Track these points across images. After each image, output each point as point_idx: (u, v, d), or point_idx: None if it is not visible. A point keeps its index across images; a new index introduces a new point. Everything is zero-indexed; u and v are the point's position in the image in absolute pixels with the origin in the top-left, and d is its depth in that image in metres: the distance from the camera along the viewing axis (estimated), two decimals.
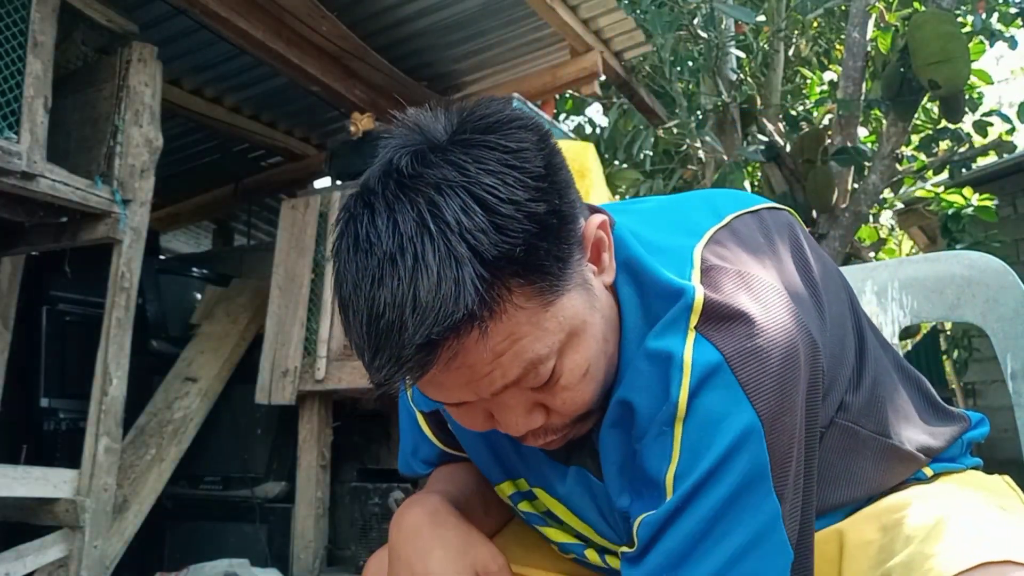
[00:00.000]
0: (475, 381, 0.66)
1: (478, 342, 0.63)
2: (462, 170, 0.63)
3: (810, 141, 4.52)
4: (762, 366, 0.68)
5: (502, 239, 0.61)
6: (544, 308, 0.65)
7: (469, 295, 0.60)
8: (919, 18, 3.90)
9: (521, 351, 0.65)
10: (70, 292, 3.36)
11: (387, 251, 0.62)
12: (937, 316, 1.13)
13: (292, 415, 3.14)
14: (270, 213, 5.36)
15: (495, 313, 0.62)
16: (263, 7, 3.02)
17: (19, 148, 2.21)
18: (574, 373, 0.69)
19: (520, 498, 0.89)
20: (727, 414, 0.67)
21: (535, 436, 0.74)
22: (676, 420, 0.69)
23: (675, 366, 0.69)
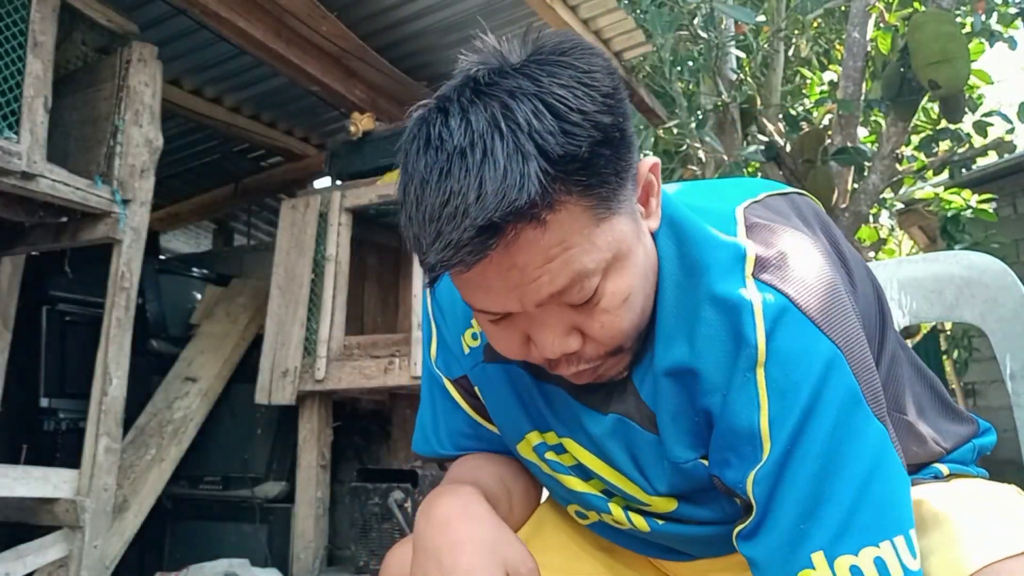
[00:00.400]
0: (523, 286, 0.68)
1: (533, 239, 0.65)
2: (535, 81, 0.66)
3: (810, 141, 4.52)
4: (825, 301, 0.72)
5: (568, 141, 0.64)
6: (596, 223, 0.68)
7: (533, 186, 0.63)
8: (919, 18, 3.90)
9: (571, 260, 0.67)
10: (70, 292, 3.36)
11: (457, 146, 0.65)
12: (936, 316, 1.14)
13: (292, 415, 3.14)
14: (270, 213, 5.36)
15: (554, 211, 0.65)
16: (263, 7, 3.02)
17: (19, 148, 2.21)
18: (616, 297, 0.71)
19: (546, 448, 0.90)
20: (806, 350, 0.69)
21: (567, 362, 0.75)
22: (757, 365, 0.70)
23: (745, 311, 0.71)
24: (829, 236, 0.85)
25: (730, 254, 0.74)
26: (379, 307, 3.67)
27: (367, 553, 2.64)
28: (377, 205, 3.09)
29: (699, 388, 0.75)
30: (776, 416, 0.69)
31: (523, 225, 0.65)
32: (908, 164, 4.75)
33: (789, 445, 0.68)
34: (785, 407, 0.69)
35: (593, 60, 0.69)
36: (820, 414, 0.68)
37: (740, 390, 0.71)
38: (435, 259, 0.66)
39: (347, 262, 3.12)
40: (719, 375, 0.73)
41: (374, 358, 2.92)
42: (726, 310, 0.73)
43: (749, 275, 0.73)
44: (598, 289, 0.70)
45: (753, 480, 0.70)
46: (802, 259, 0.74)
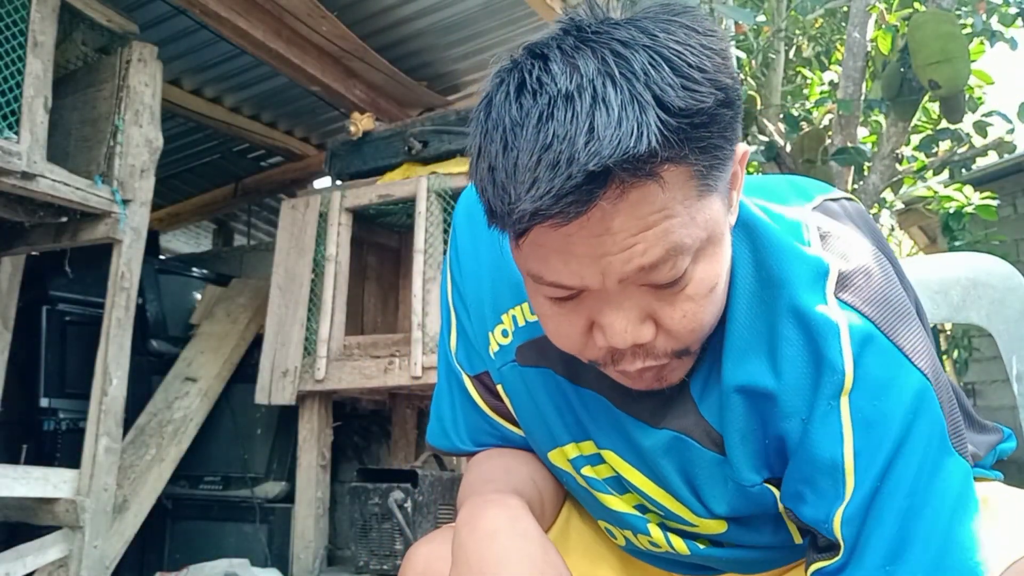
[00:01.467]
0: (612, 255, 0.60)
1: (637, 200, 0.58)
2: (650, 34, 0.60)
3: (810, 141, 4.53)
4: (909, 329, 0.67)
5: (689, 95, 0.58)
6: (698, 196, 0.62)
7: (653, 135, 0.56)
8: (919, 18, 3.90)
9: (670, 230, 0.60)
10: (70, 292, 3.36)
11: (562, 90, 0.58)
12: (942, 317, 1.13)
13: (292, 415, 3.14)
14: (270, 213, 5.36)
15: (667, 168, 0.58)
16: (263, 7, 3.02)
17: (19, 148, 2.21)
18: (703, 284, 0.65)
19: (584, 462, 0.84)
20: (894, 379, 0.65)
21: (633, 356, 0.68)
22: (842, 392, 0.65)
23: (831, 334, 0.66)
24: (880, 243, 0.81)
25: (812, 268, 0.69)
26: (379, 307, 3.66)
27: (367, 553, 2.64)
28: (377, 205, 3.08)
29: (776, 412, 0.69)
30: (862, 450, 0.65)
31: (632, 181, 0.57)
32: (908, 164, 4.75)
33: (878, 482, 0.64)
34: (873, 441, 0.64)
35: (709, 24, 0.63)
36: (910, 450, 0.64)
37: (822, 420, 0.66)
38: (531, 207, 0.57)
39: (347, 262, 3.12)
40: (799, 400, 0.68)
41: (374, 358, 2.92)
42: (809, 329, 0.67)
43: (831, 293, 0.68)
44: (687, 272, 0.63)
45: (841, 520, 0.66)
46: (880, 278, 0.70)
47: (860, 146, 4.49)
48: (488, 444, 0.94)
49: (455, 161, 2.97)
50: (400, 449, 3.42)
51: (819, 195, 0.81)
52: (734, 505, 0.76)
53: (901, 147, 4.40)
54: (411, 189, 2.97)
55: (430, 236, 2.90)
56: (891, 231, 7.31)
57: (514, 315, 0.85)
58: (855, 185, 4.62)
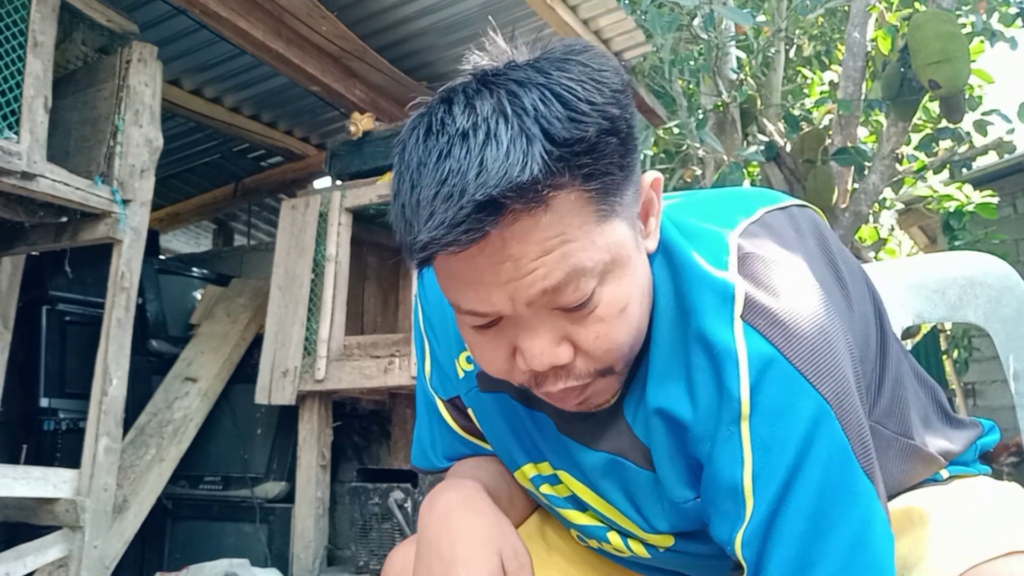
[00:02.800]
0: (516, 280, 0.64)
1: (532, 226, 0.63)
2: (544, 73, 0.65)
3: (810, 141, 4.52)
4: (815, 351, 0.67)
5: (574, 126, 0.62)
6: (597, 220, 0.65)
7: (536, 165, 0.61)
8: (919, 18, 3.90)
9: (568, 254, 0.64)
10: (70, 292, 3.36)
11: (460, 129, 0.63)
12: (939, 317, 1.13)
13: (292, 415, 3.14)
14: (270, 213, 5.36)
15: (555, 196, 0.63)
16: (263, 7, 3.02)
17: (19, 148, 2.21)
18: (612, 305, 0.68)
19: (542, 481, 0.88)
20: (793, 403, 0.66)
21: (555, 377, 0.71)
22: (741, 419, 0.67)
23: (729, 360, 0.67)
24: (827, 253, 0.82)
25: (719, 293, 0.70)
26: (379, 307, 3.67)
27: (367, 553, 2.64)
28: (377, 205, 3.09)
29: (691, 436, 0.71)
30: (760, 473, 0.66)
31: (522, 208, 0.62)
32: (908, 164, 4.75)
33: (775, 505, 0.65)
34: (770, 464, 0.65)
35: (603, 60, 0.67)
36: (808, 472, 0.65)
37: (723, 444, 0.68)
38: (427, 237, 0.62)
39: (347, 262, 3.12)
40: (710, 425, 0.69)
41: (374, 358, 2.92)
42: (712, 356, 0.69)
43: (738, 317, 0.69)
44: (594, 294, 0.67)
45: (742, 542, 0.67)
46: (795, 299, 0.70)
47: (860, 146, 4.49)
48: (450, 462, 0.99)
49: None
50: (400, 449, 3.42)
51: (762, 208, 0.82)
52: (673, 522, 0.78)
53: (901, 147, 4.40)
54: None
55: None
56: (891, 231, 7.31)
57: None
58: (855, 185, 4.62)
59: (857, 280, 0.85)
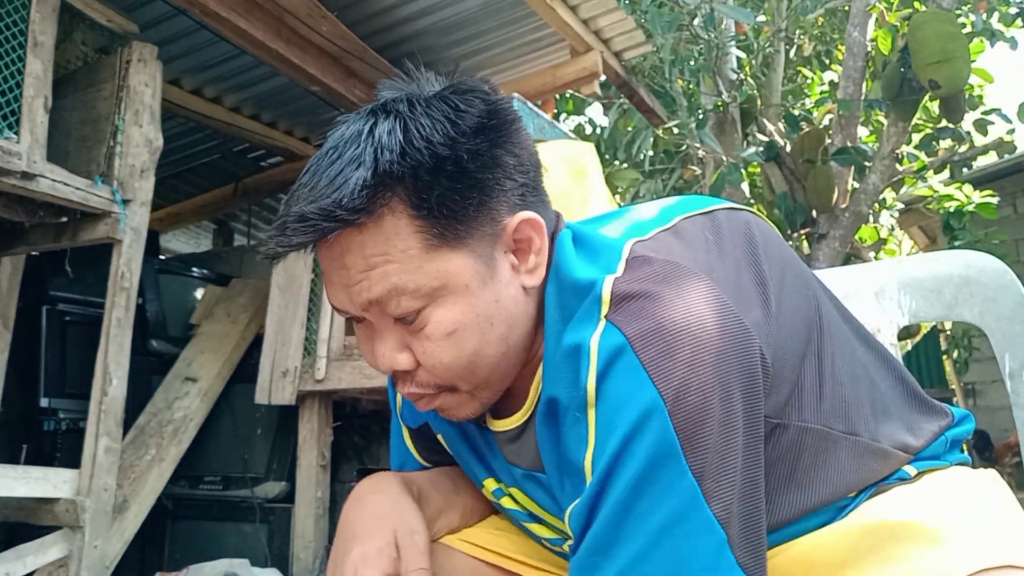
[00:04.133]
0: (350, 286, 0.73)
1: (357, 243, 0.71)
2: (412, 109, 0.74)
3: (810, 141, 4.52)
4: (666, 345, 0.68)
5: (398, 159, 0.70)
6: (425, 249, 0.72)
7: (356, 187, 0.69)
8: (919, 18, 3.90)
9: (388, 274, 0.72)
10: (70, 292, 3.36)
11: (328, 148, 0.74)
12: (935, 316, 1.13)
13: (292, 415, 3.14)
14: (270, 213, 5.36)
15: (372, 219, 0.71)
16: (263, 7, 3.02)
17: (19, 148, 2.21)
18: (439, 327, 0.74)
19: (502, 494, 0.92)
20: (631, 395, 0.68)
21: (403, 382, 0.79)
22: (588, 406, 0.70)
23: (584, 355, 0.71)
24: (750, 255, 0.82)
25: (591, 296, 0.73)
26: None
27: None
28: None
29: (561, 419, 0.75)
30: (596, 456, 0.69)
31: (348, 224, 0.70)
32: (908, 164, 4.75)
33: (600, 485, 0.68)
34: (603, 447, 0.69)
35: (475, 104, 0.75)
36: (627, 460, 0.67)
37: (572, 427, 0.72)
38: (266, 235, 0.73)
39: None
40: (570, 410, 0.73)
41: None
42: (572, 354, 0.73)
43: (603, 316, 0.72)
44: (422, 314, 0.73)
45: (571, 514, 0.72)
46: (667, 296, 0.70)
47: (860, 146, 4.49)
48: None
49: None
50: None
51: (680, 215, 0.84)
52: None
53: (901, 147, 4.40)
54: None
55: None
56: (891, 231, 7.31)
57: None
58: (855, 185, 4.62)
59: (791, 280, 0.84)
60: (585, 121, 6.35)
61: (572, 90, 4.00)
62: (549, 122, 3.12)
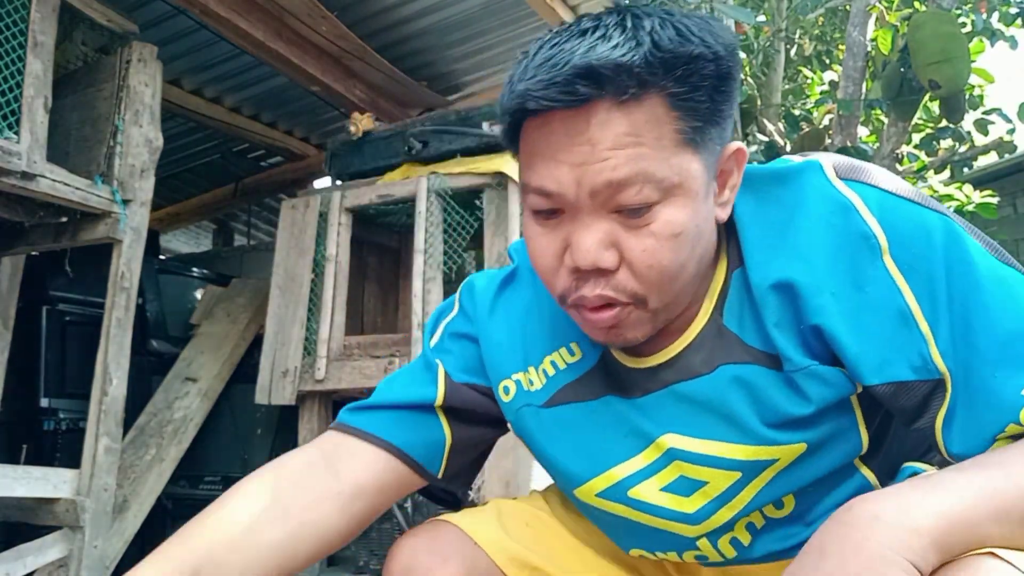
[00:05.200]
0: (588, 164, 0.70)
1: (614, 118, 0.69)
2: (669, 14, 0.72)
3: (810, 141, 4.52)
4: (913, 190, 0.75)
5: (680, 42, 0.69)
6: (675, 142, 0.71)
7: (637, 57, 0.67)
8: (919, 18, 3.90)
9: (640, 156, 0.69)
10: (70, 292, 3.36)
11: (580, 29, 0.71)
12: None
13: (292, 415, 3.14)
14: (270, 213, 5.36)
15: (642, 98, 0.69)
16: (263, 7, 3.02)
17: (19, 148, 2.21)
18: (668, 226, 0.72)
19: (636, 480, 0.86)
20: (919, 224, 0.72)
21: (595, 282, 0.74)
22: (882, 253, 0.72)
23: (849, 210, 0.74)
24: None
25: (807, 168, 0.77)
26: (379, 307, 3.66)
27: (367, 553, 2.64)
28: (377, 205, 3.08)
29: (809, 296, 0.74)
30: (922, 293, 0.71)
31: (611, 97, 0.68)
32: (909, 164, 4.75)
33: (950, 311, 0.70)
34: (927, 281, 0.71)
35: (724, 26, 0.74)
36: (963, 271, 0.70)
37: (875, 282, 0.72)
38: (523, 87, 0.69)
39: (347, 262, 3.12)
40: (831, 278, 0.73)
41: (374, 358, 2.92)
42: (829, 207, 0.74)
43: (834, 178, 0.75)
44: (653, 209, 0.71)
45: (940, 355, 0.70)
46: (877, 168, 0.77)
47: (861, 146, 4.49)
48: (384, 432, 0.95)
49: (455, 161, 2.97)
50: None
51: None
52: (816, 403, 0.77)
53: (901, 146, 4.40)
54: (411, 189, 2.97)
55: (430, 236, 2.90)
56: None
57: (553, 360, 0.92)
58: None
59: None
60: None
61: None
62: None
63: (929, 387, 0.72)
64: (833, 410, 0.78)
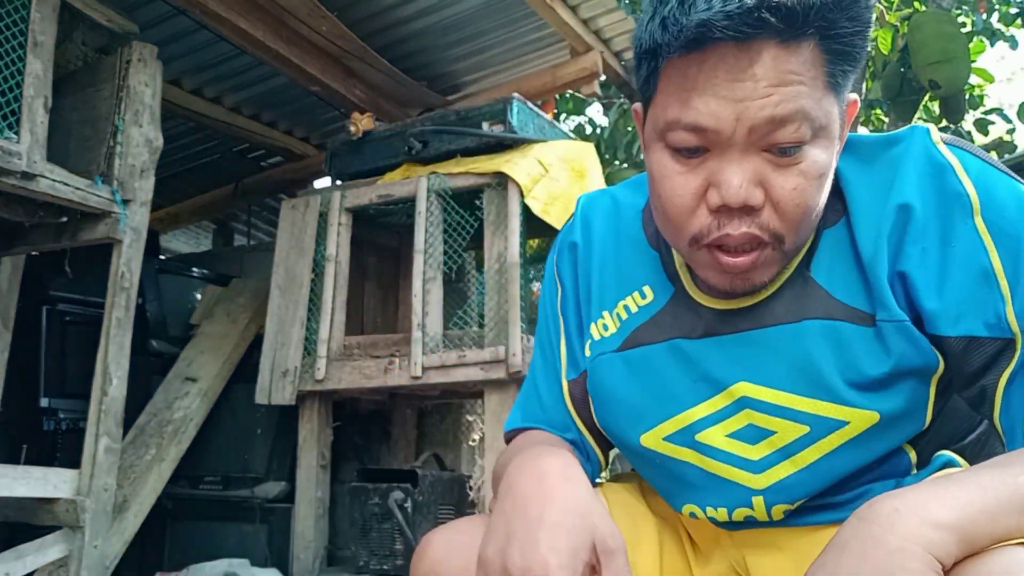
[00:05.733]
0: (749, 100, 0.70)
1: (782, 56, 0.70)
2: None
3: None
4: (1007, 169, 0.79)
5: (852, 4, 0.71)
6: (825, 85, 0.73)
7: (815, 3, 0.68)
8: (919, 18, 3.90)
9: (800, 95, 0.71)
10: (70, 292, 3.36)
11: None
12: None
13: (292, 415, 3.14)
14: (270, 213, 5.36)
15: (799, 40, 0.70)
16: (263, 7, 3.02)
17: (19, 148, 2.21)
18: (816, 166, 0.74)
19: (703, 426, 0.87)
20: (1011, 194, 0.76)
21: (741, 220, 0.74)
22: (974, 213, 0.75)
23: (948, 171, 0.77)
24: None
25: (914, 131, 0.80)
26: (379, 307, 3.67)
27: (367, 553, 2.64)
28: (377, 205, 3.09)
29: (908, 236, 0.77)
30: (1006, 255, 0.74)
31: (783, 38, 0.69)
32: None
33: None
34: (1012, 245, 0.74)
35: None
36: None
37: (965, 240, 0.75)
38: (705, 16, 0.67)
39: (347, 262, 3.12)
40: (929, 227, 0.77)
41: (374, 358, 2.92)
42: (930, 166, 0.78)
43: (939, 142, 0.79)
44: (804, 148, 0.73)
45: (1016, 315, 0.73)
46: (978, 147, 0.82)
47: None
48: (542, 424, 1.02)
49: (455, 161, 2.97)
50: (400, 449, 3.42)
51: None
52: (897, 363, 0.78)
53: None
54: (411, 189, 2.97)
55: (430, 236, 2.90)
56: None
57: (626, 304, 0.94)
58: None
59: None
60: (585, 121, 6.36)
61: (572, 90, 4.00)
62: (549, 122, 3.12)
63: (999, 346, 0.74)
64: (911, 380, 0.79)
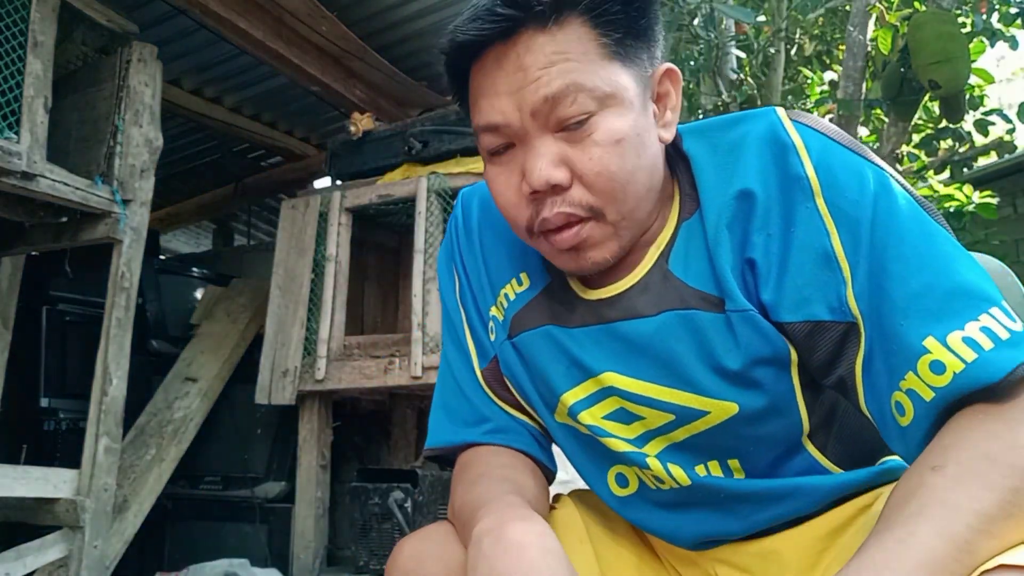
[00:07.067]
0: (523, 88, 0.76)
1: (541, 43, 0.75)
2: None
3: None
4: (855, 142, 0.79)
5: None
6: (601, 55, 0.76)
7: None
8: (919, 18, 3.90)
9: (568, 71, 0.75)
10: (70, 292, 3.36)
11: None
12: None
13: (292, 415, 3.14)
14: (270, 213, 5.37)
15: (557, 23, 0.75)
16: (263, 7, 3.02)
17: (19, 148, 2.21)
18: (609, 134, 0.76)
19: (582, 407, 0.88)
20: (854, 173, 0.76)
21: (552, 201, 0.78)
22: (815, 195, 0.75)
23: (790, 151, 0.77)
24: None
25: (761, 112, 0.82)
26: (379, 307, 3.67)
27: (367, 553, 2.64)
28: (377, 205, 3.09)
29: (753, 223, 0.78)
30: (846, 236, 0.74)
31: (534, 24, 0.75)
32: (909, 164, 4.74)
33: (870, 257, 0.72)
34: (852, 226, 0.73)
35: None
36: (889, 221, 0.73)
37: (806, 222, 0.75)
38: (461, 23, 0.76)
39: (347, 262, 3.12)
40: (772, 212, 0.77)
41: (374, 358, 2.92)
42: (772, 147, 0.78)
43: (786, 119, 0.80)
44: (591, 119, 0.76)
45: (855, 297, 0.73)
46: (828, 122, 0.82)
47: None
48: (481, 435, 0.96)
49: (455, 161, 2.98)
50: (400, 449, 3.42)
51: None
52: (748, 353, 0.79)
53: (901, 147, 4.40)
54: (411, 189, 2.97)
55: (430, 236, 2.90)
56: None
57: (505, 292, 0.96)
58: None
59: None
60: None
61: None
62: None
63: (843, 329, 0.74)
64: (767, 370, 0.79)
